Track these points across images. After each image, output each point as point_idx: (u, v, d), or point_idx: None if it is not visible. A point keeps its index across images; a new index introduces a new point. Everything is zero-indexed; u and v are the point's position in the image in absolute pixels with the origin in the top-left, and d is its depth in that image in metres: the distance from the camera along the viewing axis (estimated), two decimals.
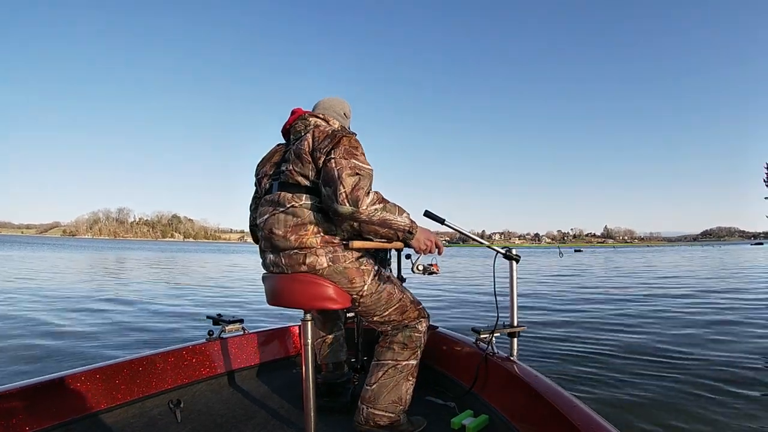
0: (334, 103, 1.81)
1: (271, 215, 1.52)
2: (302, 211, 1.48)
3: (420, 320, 1.69)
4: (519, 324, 1.90)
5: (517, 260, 1.89)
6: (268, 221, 1.53)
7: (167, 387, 1.89)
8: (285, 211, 1.49)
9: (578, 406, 1.30)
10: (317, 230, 1.47)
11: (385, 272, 1.66)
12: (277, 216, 1.50)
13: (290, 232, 1.47)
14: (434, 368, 2.12)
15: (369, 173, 1.49)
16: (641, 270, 19.27)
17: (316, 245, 1.46)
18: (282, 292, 1.47)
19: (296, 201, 1.49)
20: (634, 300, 9.51)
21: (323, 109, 1.78)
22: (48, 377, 1.61)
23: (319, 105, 1.81)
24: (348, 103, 1.87)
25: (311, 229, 1.47)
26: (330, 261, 1.47)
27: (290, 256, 1.48)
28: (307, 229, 1.47)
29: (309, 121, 1.64)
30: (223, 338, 2.18)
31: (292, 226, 1.47)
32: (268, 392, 2.06)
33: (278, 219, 1.50)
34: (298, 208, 1.48)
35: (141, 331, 6.18)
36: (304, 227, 1.47)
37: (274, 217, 1.51)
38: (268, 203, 1.57)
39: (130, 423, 1.69)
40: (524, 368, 1.65)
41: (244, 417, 1.81)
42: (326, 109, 1.78)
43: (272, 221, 1.51)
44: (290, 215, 1.49)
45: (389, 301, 1.62)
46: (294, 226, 1.47)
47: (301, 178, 1.51)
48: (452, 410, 1.83)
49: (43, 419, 1.51)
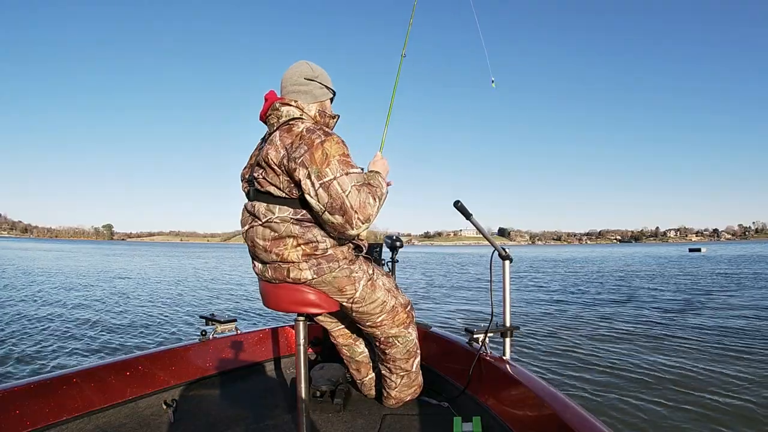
0: (301, 71, 1.54)
1: (251, 227, 1.48)
2: (278, 225, 1.41)
3: (410, 326, 1.75)
4: (512, 324, 1.90)
5: (511, 260, 1.90)
6: (248, 233, 1.49)
7: (160, 387, 1.88)
8: (262, 224, 1.44)
9: (571, 406, 1.30)
10: (296, 243, 1.41)
11: (378, 273, 1.67)
12: (256, 229, 1.45)
13: (270, 246, 1.43)
14: (427, 368, 2.12)
15: (362, 177, 1.45)
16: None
17: (297, 260, 1.42)
18: (271, 297, 1.51)
19: (271, 213, 1.42)
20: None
21: (292, 87, 1.53)
22: (40, 377, 1.60)
23: (287, 82, 1.54)
24: (318, 66, 1.59)
25: (290, 243, 1.41)
26: (314, 274, 1.43)
27: (275, 269, 1.46)
28: (286, 243, 1.41)
29: (281, 112, 1.48)
30: (216, 338, 2.17)
31: (271, 240, 1.42)
32: (262, 392, 2.06)
33: (257, 232, 1.45)
34: (273, 223, 1.42)
35: (141, 331, 6.15)
36: (283, 241, 1.41)
37: (253, 229, 1.47)
38: (247, 213, 1.52)
39: (123, 423, 1.68)
40: (517, 368, 1.65)
41: (237, 417, 1.80)
42: (295, 84, 1.53)
43: (252, 233, 1.47)
44: (267, 229, 1.43)
45: (383, 308, 1.64)
46: (273, 240, 1.42)
47: (273, 188, 1.43)
48: (446, 410, 1.83)
49: (36, 419, 1.50)
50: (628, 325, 6.61)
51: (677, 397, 3.51)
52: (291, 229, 1.41)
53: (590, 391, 3.71)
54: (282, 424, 1.75)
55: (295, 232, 1.40)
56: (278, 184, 1.42)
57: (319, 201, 1.34)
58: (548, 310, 8.08)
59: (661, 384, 3.84)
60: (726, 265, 22.90)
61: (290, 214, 1.41)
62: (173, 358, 1.97)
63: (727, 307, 8.29)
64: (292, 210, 1.42)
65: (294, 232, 1.40)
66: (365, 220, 1.37)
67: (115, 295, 9.91)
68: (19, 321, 6.59)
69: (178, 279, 14.91)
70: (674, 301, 9.19)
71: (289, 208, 1.42)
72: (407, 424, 1.72)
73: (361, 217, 1.36)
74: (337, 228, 1.38)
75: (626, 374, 4.15)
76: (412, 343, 1.77)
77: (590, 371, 4.24)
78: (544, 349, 5.10)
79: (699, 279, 14.77)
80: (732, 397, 3.50)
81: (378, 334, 1.70)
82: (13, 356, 4.68)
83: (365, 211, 1.36)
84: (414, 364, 1.80)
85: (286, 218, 1.41)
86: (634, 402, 3.43)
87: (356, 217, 1.35)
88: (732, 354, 4.87)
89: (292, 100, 1.51)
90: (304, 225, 1.42)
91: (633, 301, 9.34)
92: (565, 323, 6.78)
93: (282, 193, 1.42)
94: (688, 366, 4.36)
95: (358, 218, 1.35)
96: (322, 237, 1.44)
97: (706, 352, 4.98)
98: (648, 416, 3.18)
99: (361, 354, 1.92)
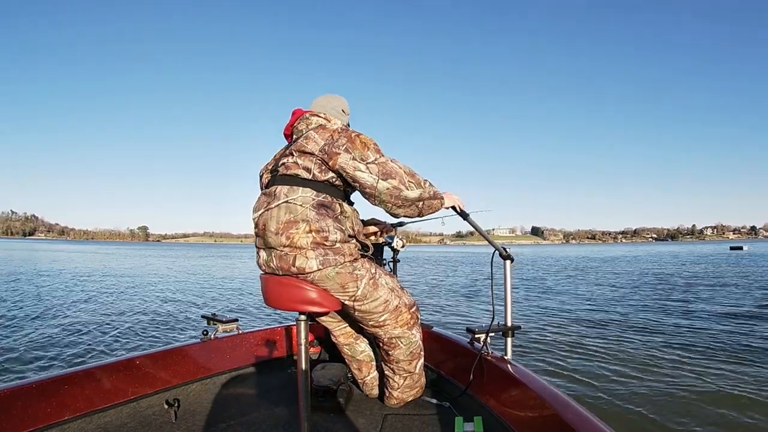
0: (330, 100, 1.79)
1: (266, 210, 1.50)
2: (295, 207, 1.44)
3: (414, 327, 1.74)
4: (514, 324, 1.90)
5: (512, 260, 1.90)
6: (262, 216, 1.51)
7: (162, 387, 1.88)
8: (278, 205, 1.46)
9: (573, 407, 1.30)
10: (308, 229, 1.43)
11: (381, 273, 1.67)
12: (271, 211, 1.47)
13: (282, 229, 1.44)
14: (429, 368, 2.12)
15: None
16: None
17: (306, 246, 1.43)
18: (272, 295, 1.51)
19: (291, 195, 1.46)
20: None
21: (321, 107, 1.75)
22: (42, 377, 1.60)
23: (317, 104, 1.78)
24: (345, 99, 1.84)
25: (302, 228, 1.43)
26: (320, 264, 1.44)
27: (281, 257, 1.46)
28: (299, 227, 1.43)
29: (311, 120, 1.63)
30: (218, 338, 2.17)
31: (285, 222, 1.44)
32: (263, 392, 2.06)
33: (271, 214, 1.47)
34: (292, 204, 1.45)
35: (141, 331, 6.16)
36: (296, 225, 1.43)
37: (267, 212, 1.49)
38: (264, 197, 1.55)
39: (125, 423, 1.68)
40: (519, 368, 1.65)
41: (239, 417, 1.81)
42: (324, 106, 1.75)
43: (266, 216, 1.49)
44: (283, 210, 1.45)
45: (386, 308, 1.63)
46: (286, 222, 1.44)
47: (302, 171, 1.49)
48: (447, 410, 1.83)
49: (37, 419, 1.50)
50: (636, 326, 6.59)
51: (682, 400, 3.50)
52: (307, 214, 1.44)
53: (592, 391, 3.71)
54: (283, 424, 1.75)
55: (310, 217, 1.44)
56: (309, 166, 1.48)
57: (371, 173, 1.47)
58: (549, 310, 8.07)
59: (665, 385, 3.84)
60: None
61: (312, 195, 1.47)
62: (175, 358, 1.97)
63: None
64: (314, 192, 1.47)
65: (309, 217, 1.44)
66: (417, 183, 1.51)
67: (115, 296, 9.93)
68: (18, 321, 6.60)
69: (186, 279, 14.93)
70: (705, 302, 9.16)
71: (312, 190, 1.47)
72: (409, 424, 1.72)
73: (413, 181, 1.50)
74: (393, 193, 1.48)
75: (629, 374, 4.14)
76: (416, 344, 1.76)
77: (592, 371, 4.23)
78: (545, 349, 5.10)
79: (753, 280, 13.76)
80: (748, 400, 3.48)
81: (381, 334, 1.70)
82: (13, 356, 4.69)
83: (416, 176, 1.52)
84: (417, 365, 1.80)
85: (307, 199, 1.46)
86: (636, 402, 3.43)
87: (408, 180, 1.49)
88: (747, 353, 4.84)
89: (321, 113, 1.66)
90: (320, 212, 1.46)
91: (652, 303, 9.22)
92: (565, 323, 6.77)
93: (309, 175, 1.48)
94: (697, 369, 4.34)
95: (410, 180, 1.49)
96: (334, 229, 1.47)
97: (719, 353, 4.94)
98: (650, 417, 3.18)
99: (362, 353, 1.92)
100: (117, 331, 6.07)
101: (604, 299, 9.64)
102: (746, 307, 8.23)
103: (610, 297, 10.02)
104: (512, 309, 1.89)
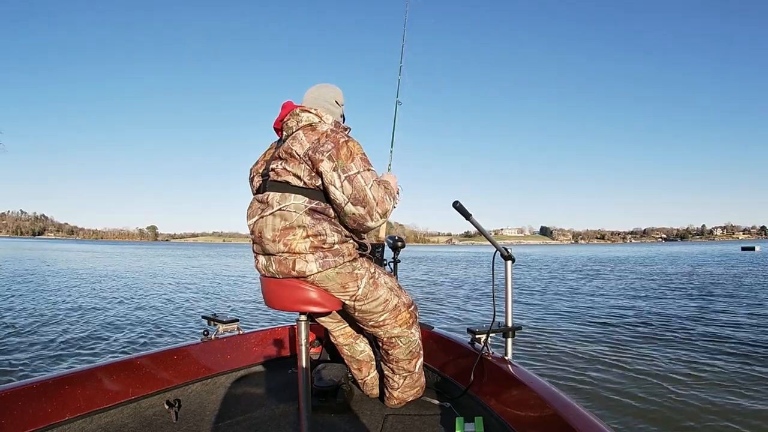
0: (323, 91, 1.71)
1: (260, 217, 1.49)
2: (290, 214, 1.44)
3: (413, 326, 1.75)
4: (514, 324, 1.90)
5: (513, 260, 1.89)
6: (257, 224, 1.51)
7: (163, 387, 1.88)
8: (273, 213, 1.45)
9: (573, 407, 1.30)
10: (305, 234, 1.43)
11: (380, 272, 1.67)
12: (266, 219, 1.47)
13: (278, 236, 1.44)
14: (430, 368, 2.12)
15: (377, 176, 1.53)
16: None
17: (304, 251, 1.43)
18: (273, 296, 1.51)
19: (283, 202, 1.45)
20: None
21: (313, 100, 1.67)
22: (43, 377, 1.61)
23: (309, 96, 1.70)
24: (339, 88, 1.76)
25: (299, 233, 1.43)
26: (320, 267, 1.44)
27: (280, 262, 1.46)
28: (296, 233, 1.43)
29: (301, 117, 1.56)
30: (219, 338, 2.17)
31: (281, 229, 1.44)
32: (264, 392, 2.06)
33: (266, 222, 1.47)
34: (286, 211, 1.44)
35: (142, 331, 6.18)
36: (292, 231, 1.43)
37: (262, 219, 1.48)
38: (257, 203, 1.54)
39: (126, 423, 1.69)
40: (520, 369, 1.65)
41: (239, 417, 1.81)
42: (316, 99, 1.67)
43: (261, 224, 1.48)
44: (278, 218, 1.44)
45: (385, 307, 1.64)
46: (282, 229, 1.44)
47: (292, 178, 1.46)
48: (448, 411, 1.83)
49: (38, 419, 1.51)
50: (638, 326, 6.57)
51: (683, 399, 3.49)
52: (302, 220, 1.44)
53: (592, 391, 3.69)
54: (284, 424, 1.75)
55: (306, 223, 1.43)
56: (299, 173, 1.46)
57: (343, 192, 1.43)
58: (550, 310, 8.05)
59: (666, 385, 3.82)
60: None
61: (305, 203, 1.45)
62: (175, 358, 1.98)
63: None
64: (306, 199, 1.45)
65: (304, 223, 1.43)
66: (383, 214, 1.48)
67: (116, 296, 9.96)
68: (18, 321, 6.63)
69: (188, 279, 14.97)
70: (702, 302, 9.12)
71: (304, 197, 1.45)
72: (409, 424, 1.72)
73: (380, 211, 1.47)
74: (357, 219, 1.45)
75: (629, 375, 4.12)
76: (415, 343, 1.77)
77: (593, 371, 4.22)
78: (546, 350, 5.08)
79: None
80: (748, 399, 3.47)
81: (381, 334, 1.70)
82: (12, 356, 4.70)
83: (384, 206, 1.48)
84: (417, 365, 1.80)
85: (300, 206, 1.44)
86: (637, 403, 3.41)
87: (376, 210, 1.46)
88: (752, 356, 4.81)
89: (312, 108, 1.58)
90: (315, 217, 1.45)
91: (656, 303, 9.19)
92: (566, 324, 6.76)
93: (300, 182, 1.46)
94: (698, 368, 4.32)
95: (378, 211, 1.46)
96: (330, 231, 1.46)
97: (721, 355, 4.92)
98: (651, 417, 3.17)
99: (362, 353, 1.92)
100: (117, 331, 6.09)
101: (608, 300, 9.62)
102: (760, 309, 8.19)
103: (616, 298, 10.00)
104: (513, 309, 1.89)
